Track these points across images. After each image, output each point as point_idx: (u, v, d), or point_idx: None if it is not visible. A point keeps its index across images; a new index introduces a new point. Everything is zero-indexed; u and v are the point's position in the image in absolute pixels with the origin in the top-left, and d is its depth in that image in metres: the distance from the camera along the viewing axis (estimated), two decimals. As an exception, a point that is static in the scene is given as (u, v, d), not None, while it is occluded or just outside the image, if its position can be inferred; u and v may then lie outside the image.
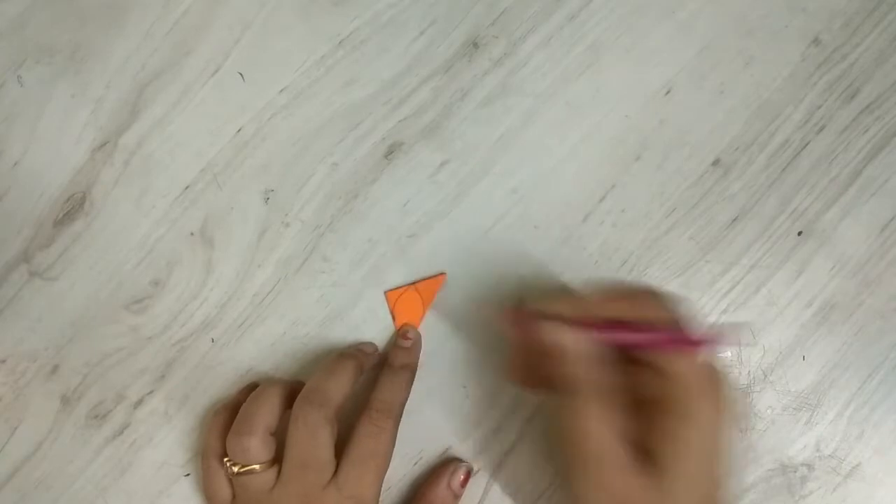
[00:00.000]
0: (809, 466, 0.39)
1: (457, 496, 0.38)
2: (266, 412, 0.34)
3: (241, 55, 0.39)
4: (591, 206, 0.40)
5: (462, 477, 0.38)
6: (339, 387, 0.35)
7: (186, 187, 0.39)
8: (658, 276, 0.39)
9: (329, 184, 0.39)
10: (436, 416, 0.38)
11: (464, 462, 0.38)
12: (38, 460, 0.37)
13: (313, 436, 0.33)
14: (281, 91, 0.39)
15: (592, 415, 0.28)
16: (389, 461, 0.35)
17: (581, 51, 0.40)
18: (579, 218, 0.40)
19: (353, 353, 0.37)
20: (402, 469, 0.38)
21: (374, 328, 0.39)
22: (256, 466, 0.34)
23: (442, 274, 0.38)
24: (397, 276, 0.39)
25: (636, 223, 0.40)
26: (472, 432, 0.38)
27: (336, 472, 0.34)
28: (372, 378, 0.37)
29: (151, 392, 0.38)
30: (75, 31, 0.39)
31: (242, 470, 0.34)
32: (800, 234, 0.40)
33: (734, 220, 0.40)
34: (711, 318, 0.39)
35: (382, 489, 0.34)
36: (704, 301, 0.39)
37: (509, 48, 0.40)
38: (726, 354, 0.39)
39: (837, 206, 0.40)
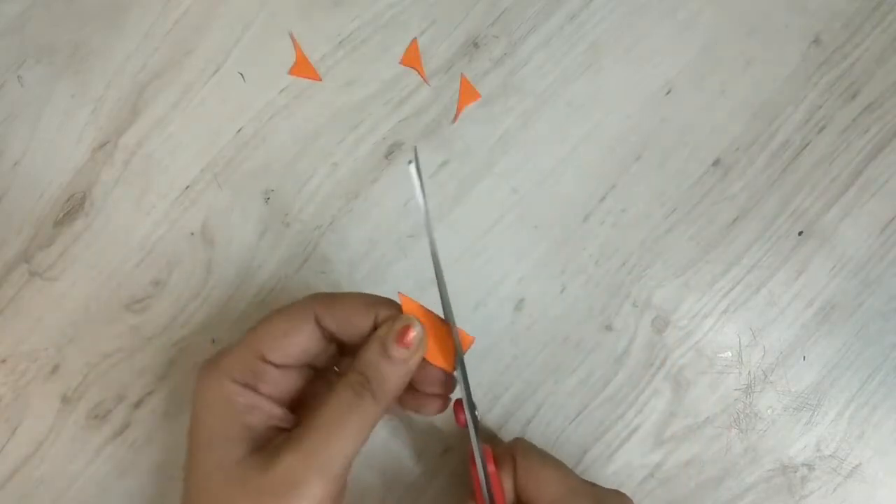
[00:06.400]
0: (810, 467, 0.39)
1: (394, 359, 0.29)
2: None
3: (241, 55, 0.39)
4: (591, 205, 0.40)
5: (399, 334, 0.28)
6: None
7: (186, 187, 0.38)
8: (658, 276, 0.39)
9: (329, 184, 0.39)
10: (435, 416, 0.38)
11: (402, 317, 0.29)
12: (38, 460, 0.37)
13: None
14: (281, 91, 0.39)
15: None
16: None
17: (581, 51, 0.40)
18: (579, 218, 0.40)
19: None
20: (402, 470, 0.38)
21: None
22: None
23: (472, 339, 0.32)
24: (397, 277, 0.39)
25: (636, 223, 0.40)
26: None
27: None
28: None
29: (151, 392, 0.38)
30: (75, 31, 0.39)
31: None
32: (800, 234, 0.40)
33: (734, 220, 0.40)
34: (712, 319, 0.39)
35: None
36: (705, 301, 0.39)
37: (509, 48, 0.40)
38: (726, 354, 0.39)
39: (838, 206, 0.40)
